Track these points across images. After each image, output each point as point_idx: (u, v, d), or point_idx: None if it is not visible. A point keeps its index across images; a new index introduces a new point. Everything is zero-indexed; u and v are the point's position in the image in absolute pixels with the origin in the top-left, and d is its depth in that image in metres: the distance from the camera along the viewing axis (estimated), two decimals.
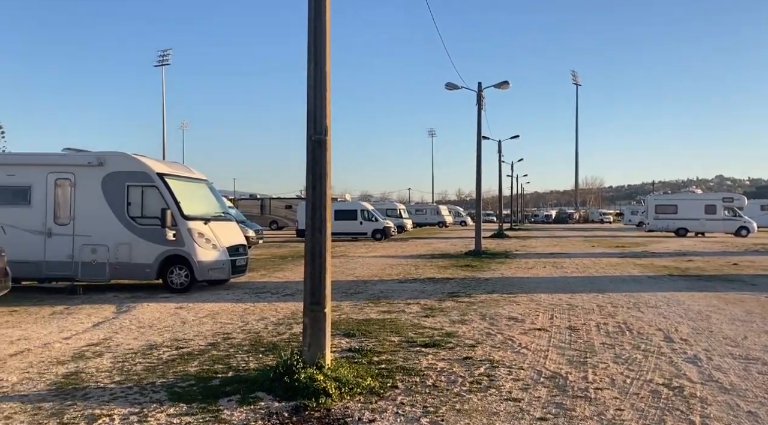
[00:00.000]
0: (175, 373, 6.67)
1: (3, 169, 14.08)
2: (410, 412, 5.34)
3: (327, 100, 6.13)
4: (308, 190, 6.08)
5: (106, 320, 10.14)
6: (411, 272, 18.08)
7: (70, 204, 13.72)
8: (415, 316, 10.30)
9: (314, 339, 6.06)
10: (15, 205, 13.76)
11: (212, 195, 15.79)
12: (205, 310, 11.11)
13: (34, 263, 13.45)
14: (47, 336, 8.79)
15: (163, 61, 55.41)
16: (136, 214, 13.65)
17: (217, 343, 8.26)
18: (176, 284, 13.54)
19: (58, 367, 6.96)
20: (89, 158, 13.93)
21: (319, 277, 6.05)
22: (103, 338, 8.65)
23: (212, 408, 5.44)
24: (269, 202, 59.01)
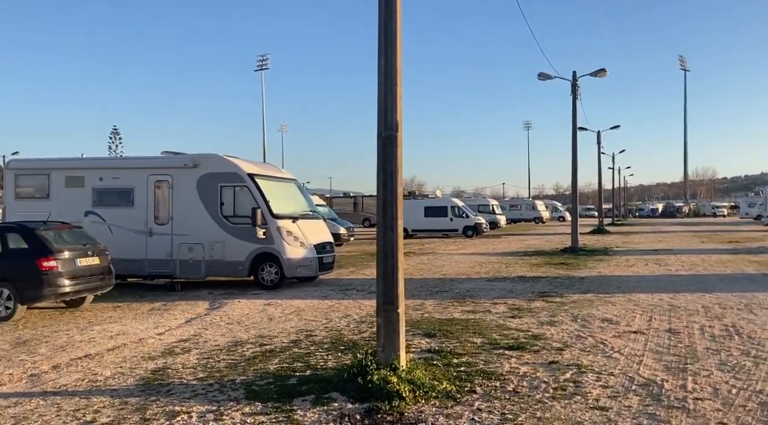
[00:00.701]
0: (255, 371, 6.75)
1: (109, 172, 15.01)
2: (487, 419, 5.09)
3: (398, 95, 5.97)
4: (379, 187, 5.94)
5: (198, 316, 10.52)
6: (501, 270, 17.60)
7: (168, 205, 14.41)
8: (501, 316, 9.94)
9: (388, 340, 5.93)
10: (120, 206, 14.63)
11: (300, 194, 16.08)
12: (292, 307, 11.29)
13: (137, 261, 14.23)
14: (143, 331, 9.22)
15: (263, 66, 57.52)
16: (228, 213, 14.12)
17: (300, 340, 8.32)
18: (267, 281, 13.89)
19: (148, 362, 7.24)
20: (185, 160, 14.56)
21: (391, 276, 5.90)
22: (193, 334, 8.96)
23: (286, 407, 5.43)
24: (362, 200, 59.73)
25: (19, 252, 10.35)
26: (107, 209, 14.66)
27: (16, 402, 5.77)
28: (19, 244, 10.47)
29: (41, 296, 10.22)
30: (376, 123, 5.99)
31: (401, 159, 5.96)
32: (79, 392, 6.07)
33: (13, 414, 5.39)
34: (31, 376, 6.72)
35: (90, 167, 15.32)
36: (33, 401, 5.78)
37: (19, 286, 10.01)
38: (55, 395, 5.98)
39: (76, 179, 14.91)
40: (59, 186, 14.99)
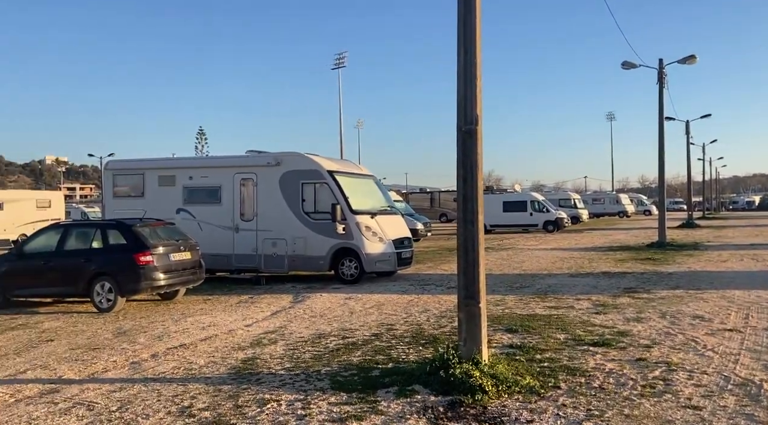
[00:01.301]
0: (339, 362, 6.93)
1: (198, 171, 15.74)
2: (572, 414, 5.02)
3: (478, 89, 5.95)
4: (459, 182, 5.95)
5: (283, 309, 10.88)
6: (584, 265, 17.14)
7: (253, 202, 14.96)
8: (585, 313, 9.71)
9: (470, 335, 5.94)
10: (209, 204, 15.32)
11: (378, 190, 16.27)
12: (372, 301, 11.46)
13: (224, 256, 14.87)
14: (232, 323, 9.64)
15: (339, 64, 58.22)
16: (309, 209, 14.49)
17: (381, 334, 8.46)
18: (347, 276, 14.17)
19: (238, 353, 7.58)
20: (268, 158, 15.06)
21: (472, 271, 5.90)
22: (278, 326, 9.29)
23: (370, 398, 5.56)
24: (438, 195, 59.58)
25: (119, 248, 11.05)
26: (197, 206, 15.38)
27: (121, 387, 6.19)
28: (118, 240, 11.18)
29: (139, 289, 10.88)
30: (456, 117, 6.00)
31: (481, 153, 5.94)
32: (177, 379, 6.44)
33: (119, 398, 5.80)
34: (133, 363, 7.18)
35: (180, 167, 16.13)
36: (135, 386, 6.19)
37: (119, 279, 10.70)
38: (155, 381, 6.38)
39: (168, 178, 15.74)
40: (153, 185, 15.87)
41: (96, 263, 10.87)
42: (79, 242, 11.45)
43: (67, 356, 7.61)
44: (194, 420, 5.12)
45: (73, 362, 7.29)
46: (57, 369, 6.99)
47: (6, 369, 7.05)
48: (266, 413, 5.27)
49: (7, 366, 7.16)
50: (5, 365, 7.24)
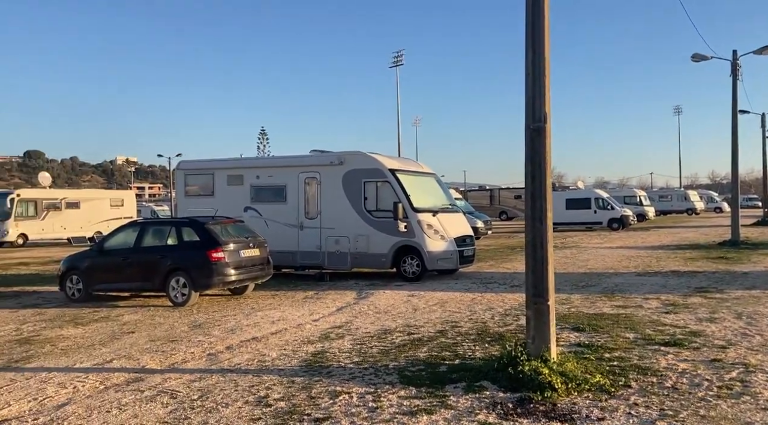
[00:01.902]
0: (406, 357, 7.06)
1: (265, 171, 16.19)
2: (645, 414, 4.97)
3: (546, 86, 5.95)
4: (527, 179, 5.97)
5: (347, 305, 11.10)
6: (651, 264, 16.69)
7: (317, 200, 15.28)
8: (654, 312, 9.51)
9: (538, 332, 5.95)
10: (275, 202, 15.75)
11: (440, 188, 16.32)
12: (435, 298, 11.55)
13: (290, 253, 15.26)
14: (300, 317, 9.92)
15: (398, 62, 58.37)
16: (371, 208, 14.69)
17: (445, 331, 8.54)
18: (408, 273, 14.29)
19: (308, 346, 7.82)
20: (331, 157, 15.35)
21: (541, 269, 5.91)
22: (344, 321, 9.50)
23: (439, 393, 5.66)
24: (498, 192, 58.88)
25: (192, 245, 11.52)
26: (263, 204, 15.84)
27: (200, 377, 6.51)
28: (191, 237, 11.65)
29: (211, 284, 11.32)
30: (524, 115, 6.02)
31: (550, 151, 5.94)
32: (251, 370, 6.72)
33: (199, 388, 6.10)
34: (209, 355, 7.52)
35: (248, 167, 16.64)
36: (213, 377, 6.50)
37: (192, 275, 11.17)
38: (231, 372, 6.67)
39: (237, 177, 16.26)
40: (222, 184, 16.44)
41: (171, 259, 11.38)
42: (155, 240, 12.01)
43: (147, 347, 8.03)
44: (271, 410, 5.35)
45: (153, 353, 7.69)
46: (140, 359, 7.40)
47: (94, 358, 7.51)
48: (338, 404, 5.45)
49: (95, 356, 7.62)
50: (93, 354, 7.71)
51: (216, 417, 5.20)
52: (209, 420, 5.15)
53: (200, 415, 5.28)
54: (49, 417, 5.31)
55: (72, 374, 6.74)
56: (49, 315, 10.71)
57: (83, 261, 12.36)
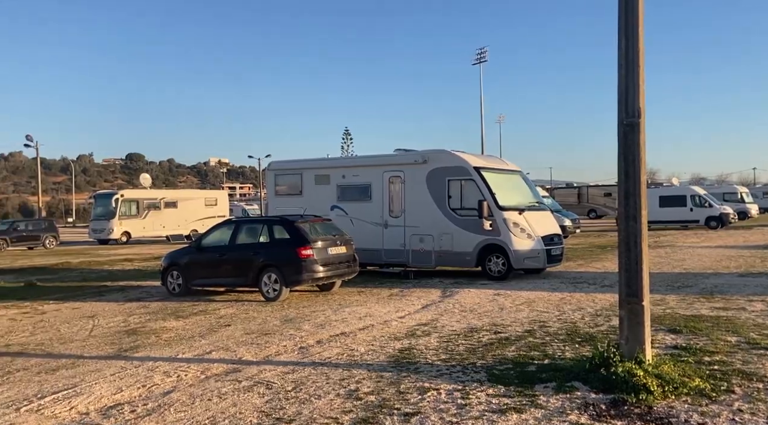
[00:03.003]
0: (494, 356, 7.03)
1: (350, 170, 16.51)
2: (750, 420, 4.73)
3: (640, 79, 5.75)
4: (620, 177, 5.79)
5: (433, 303, 11.15)
6: (755, 264, 15.70)
7: (401, 199, 15.42)
8: (760, 315, 8.97)
9: (632, 333, 5.78)
10: (360, 201, 16.03)
11: (526, 185, 16.05)
12: (522, 298, 11.39)
13: (375, 251, 15.48)
14: (386, 314, 10.07)
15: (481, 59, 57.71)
16: (456, 206, 14.66)
17: (533, 330, 8.42)
18: (494, 272, 14.16)
19: (395, 342, 7.94)
20: (415, 156, 15.44)
21: (635, 268, 5.73)
22: (430, 319, 9.56)
23: (528, 392, 5.61)
24: (587, 190, 57.06)
25: (283, 242, 11.93)
26: (349, 203, 16.16)
27: (293, 369, 6.76)
28: (282, 235, 12.08)
29: (301, 280, 11.69)
30: (617, 110, 5.85)
31: (644, 148, 5.74)
32: (341, 364, 6.91)
33: (292, 380, 6.35)
34: (301, 348, 7.79)
35: (334, 166, 17.03)
36: (306, 369, 6.73)
37: (284, 271, 11.58)
38: (322, 365, 6.88)
39: (323, 177, 16.68)
40: (310, 184, 16.91)
41: (263, 256, 11.84)
42: (248, 237, 12.53)
43: (243, 339, 8.42)
44: (361, 403, 5.49)
45: (249, 345, 8.05)
46: (237, 351, 7.76)
47: (195, 349, 7.96)
48: (427, 400, 5.51)
49: (195, 347, 8.07)
50: (193, 345, 8.17)
51: (309, 408, 5.40)
52: (303, 410, 5.35)
53: (294, 406, 5.49)
54: (156, 403, 5.69)
55: (175, 363, 7.18)
56: (152, 308, 11.41)
57: (183, 258, 13.08)
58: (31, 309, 11.64)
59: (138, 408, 5.58)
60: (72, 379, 6.60)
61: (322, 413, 5.27)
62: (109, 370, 6.94)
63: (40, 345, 8.45)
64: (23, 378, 6.75)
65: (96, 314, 10.86)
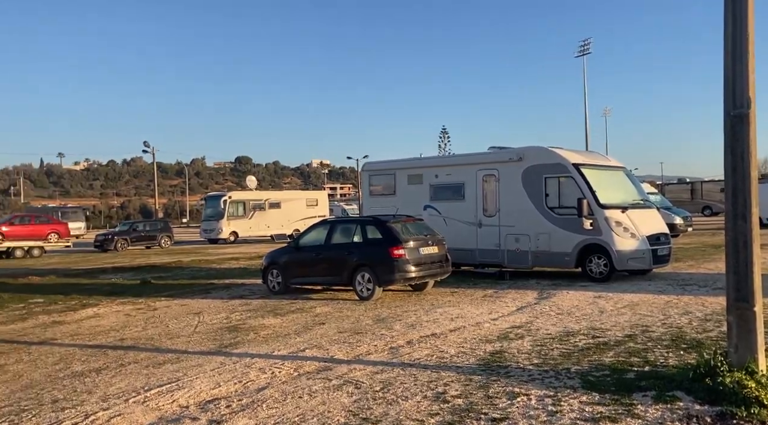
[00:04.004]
0: (590, 361, 6.73)
1: (443, 170, 16.43)
2: None
3: (749, 67, 5.28)
4: (727, 172, 5.35)
5: (528, 305, 10.86)
6: None
7: (495, 197, 15.14)
8: None
9: (742, 340, 5.33)
10: (453, 200, 15.91)
11: (629, 182, 15.27)
12: (624, 300, 10.85)
13: (469, 251, 15.31)
14: (479, 316, 9.91)
15: (584, 51, 55.51)
16: (553, 204, 14.20)
17: (635, 335, 7.99)
18: (595, 273, 13.58)
19: (486, 345, 7.80)
20: (510, 154, 15.11)
21: (744, 270, 5.27)
22: (524, 321, 9.31)
23: (625, 401, 5.32)
24: (700, 185, 53.48)
25: (376, 242, 12.06)
26: (442, 202, 16.08)
27: (382, 369, 6.80)
28: (375, 235, 12.21)
29: (393, 280, 11.77)
30: (723, 100, 5.41)
31: (754, 140, 5.27)
32: (430, 366, 6.87)
33: (381, 380, 6.38)
34: (391, 348, 7.82)
35: (427, 166, 17.01)
36: (395, 370, 6.75)
37: (376, 271, 11.70)
38: (411, 366, 6.87)
39: (416, 176, 16.70)
40: (403, 184, 16.99)
41: (357, 255, 12.03)
42: (342, 237, 12.78)
43: (336, 338, 8.58)
44: (448, 406, 5.43)
45: (341, 344, 8.19)
46: (329, 349, 7.92)
47: (290, 346, 8.20)
48: (516, 406, 5.36)
49: (291, 344, 8.32)
50: (289, 343, 8.42)
51: (396, 410, 5.41)
52: (390, 411, 5.37)
53: (381, 406, 5.52)
54: (250, 399, 5.91)
55: (271, 360, 7.43)
56: (253, 306, 11.89)
57: (282, 257, 13.54)
58: (145, 306, 12.48)
59: (233, 403, 5.82)
60: (176, 373, 6.99)
61: (408, 415, 5.26)
62: (209, 365, 7.29)
63: (149, 340, 9.03)
64: (133, 370, 7.24)
65: (202, 311, 11.47)
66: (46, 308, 12.58)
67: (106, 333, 9.67)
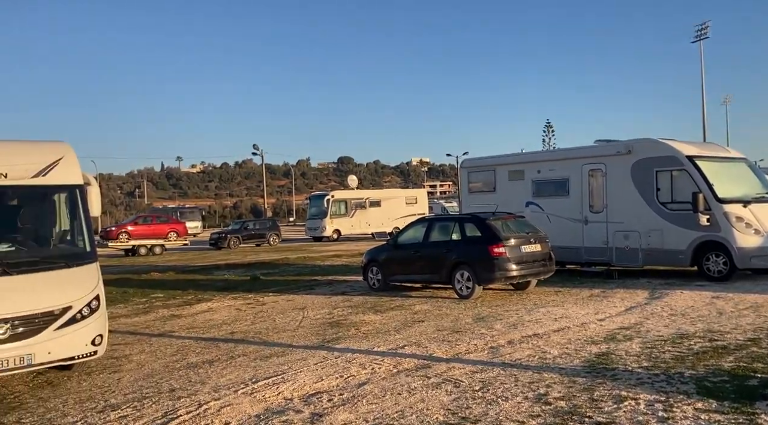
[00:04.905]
0: (706, 366, 6.30)
1: (546, 165, 15.97)
2: None
3: None
4: None
5: (638, 305, 10.33)
6: None
7: (602, 193, 14.51)
8: None
9: None
10: (556, 196, 15.41)
11: (753, 174, 14.13)
12: (747, 301, 10.06)
13: (574, 249, 14.77)
14: (584, 316, 9.55)
15: (701, 35, 51.92)
16: (665, 199, 13.42)
17: (759, 339, 7.40)
18: (713, 272, 12.69)
19: (591, 346, 7.50)
20: (618, 147, 14.42)
21: None
22: (634, 322, 8.86)
23: (747, 409, 4.94)
24: None
25: (475, 240, 11.92)
26: (545, 199, 15.63)
27: (482, 369, 6.72)
28: (474, 232, 12.07)
29: (493, 279, 11.59)
30: None
31: None
32: (531, 367, 6.70)
33: (480, 379, 6.30)
34: (491, 348, 7.70)
35: (528, 161, 16.59)
36: (494, 370, 6.64)
37: (476, 269, 11.56)
38: (511, 367, 6.74)
39: (517, 172, 16.33)
40: (503, 180, 16.67)
41: (456, 253, 11.94)
42: (441, 235, 12.73)
43: (435, 336, 8.57)
44: (550, 408, 5.27)
45: (440, 342, 8.17)
46: (428, 347, 7.93)
47: (389, 343, 8.29)
48: (623, 410, 5.11)
49: (390, 341, 8.40)
50: (388, 339, 8.51)
51: (495, 410, 5.32)
52: (489, 411, 5.29)
53: (481, 406, 5.45)
54: (351, 394, 6.03)
55: (371, 356, 7.54)
56: (354, 302, 12.13)
57: (381, 254, 13.71)
58: (254, 301, 13.06)
59: (335, 397, 5.96)
60: (281, 366, 7.27)
61: (509, 415, 5.16)
62: (312, 360, 7.52)
63: (258, 334, 9.44)
64: (242, 363, 7.60)
65: (306, 307, 11.84)
66: (166, 302, 13.49)
67: (218, 327, 10.21)
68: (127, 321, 11.29)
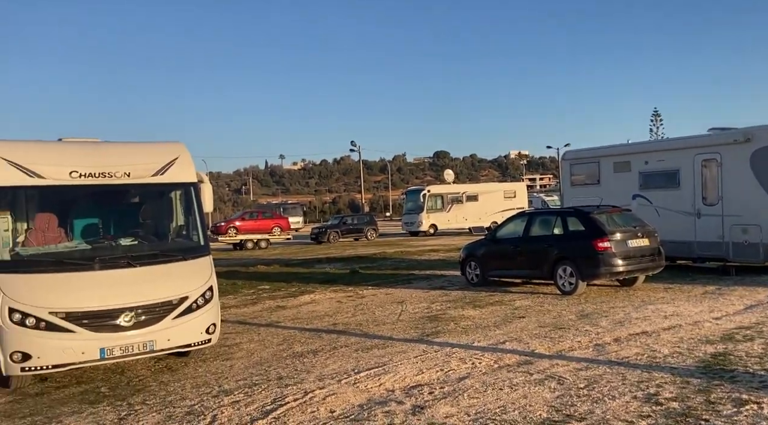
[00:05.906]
0: None
1: (654, 155, 15.18)
2: None
3: None
4: None
5: (759, 303, 9.63)
6: None
7: (717, 184, 13.61)
8: None
9: None
10: (666, 188, 14.60)
11: None
12: None
13: (685, 243, 13.95)
14: (697, 314, 9.03)
15: None
16: None
17: None
18: None
19: (706, 346, 7.09)
20: (735, 135, 13.48)
21: None
22: (755, 322, 8.28)
23: None
24: None
25: (578, 234, 11.55)
26: (653, 191, 14.85)
27: (587, 366, 6.53)
28: (576, 227, 11.70)
29: (598, 275, 11.19)
30: None
31: None
32: (640, 365, 6.43)
33: (585, 377, 6.13)
34: (596, 345, 7.46)
35: (635, 152, 15.82)
36: (600, 368, 6.43)
37: (579, 264, 11.20)
38: (618, 365, 6.50)
39: (623, 164, 15.62)
40: (608, 172, 16.01)
41: (557, 248, 11.63)
42: (542, 229, 12.44)
43: (536, 332, 8.40)
44: (661, 409, 5.05)
45: (542, 338, 8.01)
46: (529, 343, 7.79)
47: (489, 338, 8.22)
48: (744, 414, 4.82)
49: (490, 336, 8.33)
50: (488, 335, 8.44)
51: (602, 408, 5.16)
52: (595, 410, 5.14)
53: (586, 404, 5.31)
54: (452, 388, 6.05)
55: (470, 351, 7.52)
56: (452, 297, 12.11)
57: (479, 249, 13.59)
58: (354, 294, 13.35)
59: (435, 390, 6.00)
60: (382, 358, 7.40)
61: (616, 415, 4.99)
62: (412, 352, 7.60)
63: (358, 326, 9.66)
64: (345, 353, 7.81)
65: (404, 300, 11.96)
66: (272, 294, 14.08)
67: (321, 318, 10.54)
68: (236, 311, 11.89)
